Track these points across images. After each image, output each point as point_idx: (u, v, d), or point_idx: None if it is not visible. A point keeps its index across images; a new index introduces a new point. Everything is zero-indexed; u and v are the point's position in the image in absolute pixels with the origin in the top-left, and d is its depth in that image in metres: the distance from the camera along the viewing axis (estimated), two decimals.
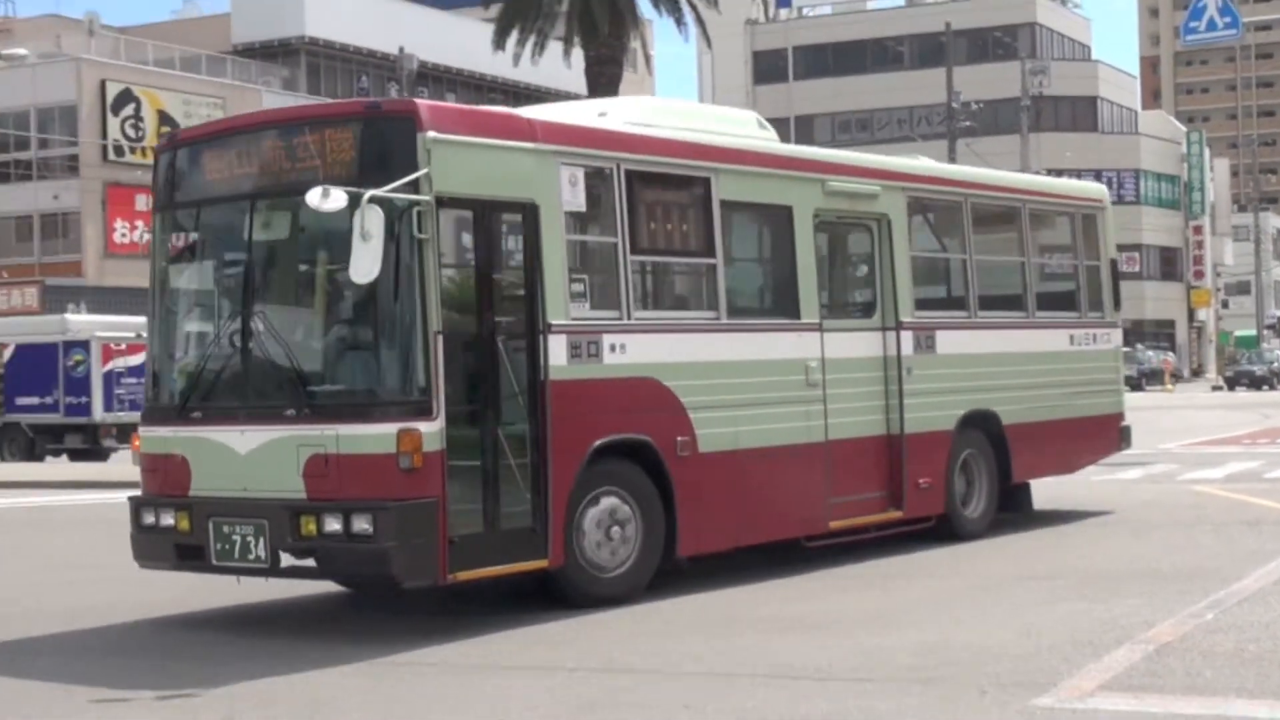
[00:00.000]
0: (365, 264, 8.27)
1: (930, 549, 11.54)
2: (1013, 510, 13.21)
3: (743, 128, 11.59)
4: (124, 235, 48.36)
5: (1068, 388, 13.35)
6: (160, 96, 49.71)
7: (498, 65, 46.11)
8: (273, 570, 8.72)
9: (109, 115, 48.05)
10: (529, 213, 9.11)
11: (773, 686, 6.97)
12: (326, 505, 8.45)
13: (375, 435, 8.44)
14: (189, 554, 9.03)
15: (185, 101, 49.97)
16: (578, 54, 39.65)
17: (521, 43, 40.10)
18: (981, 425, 12.50)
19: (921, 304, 12.33)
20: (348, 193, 8.21)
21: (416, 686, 7.34)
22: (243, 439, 8.82)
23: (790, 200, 11.07)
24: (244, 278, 9.22)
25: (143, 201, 47.41)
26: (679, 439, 9.91)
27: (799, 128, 67.08)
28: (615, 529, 9.48)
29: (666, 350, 9.98)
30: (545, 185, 9.25)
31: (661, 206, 10.70)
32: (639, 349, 9.78)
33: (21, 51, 43.04)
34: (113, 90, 48.22)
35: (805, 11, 74.27)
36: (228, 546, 8.71)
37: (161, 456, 9.27)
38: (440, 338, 8.53)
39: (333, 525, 8.38)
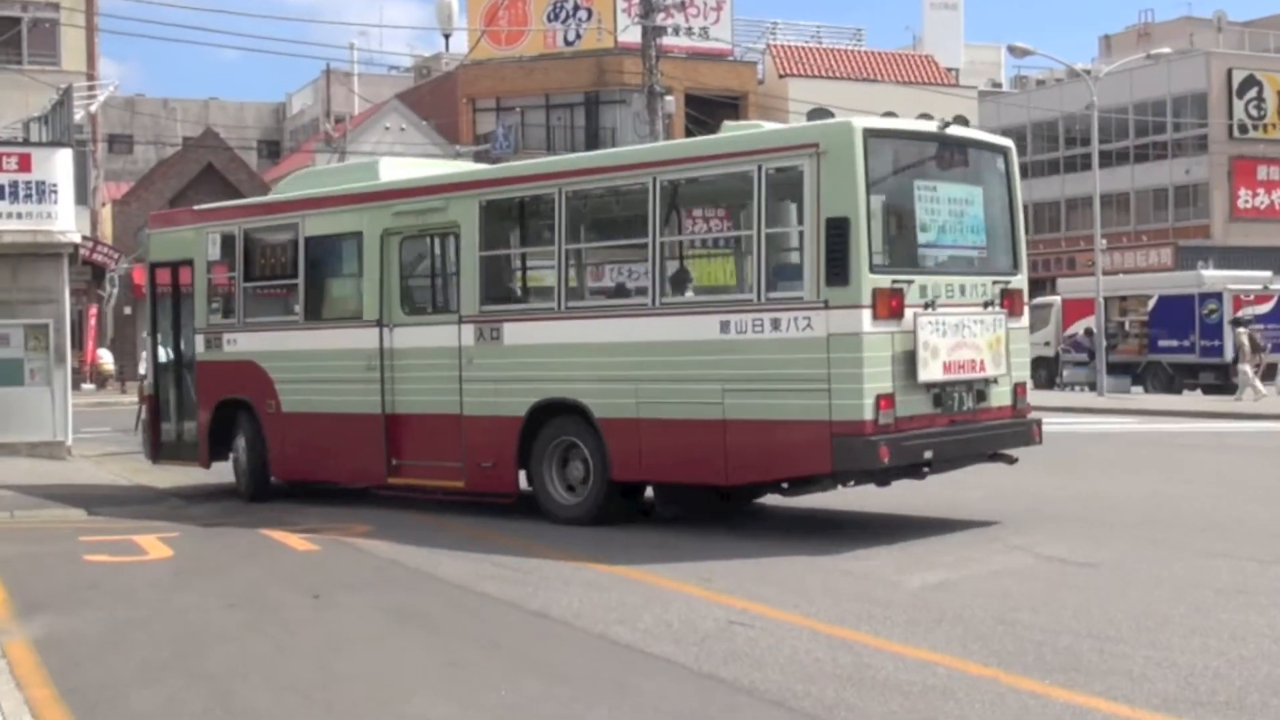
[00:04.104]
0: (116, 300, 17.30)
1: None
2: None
3: (363, 173, 14.55)
4: (1247, 201, 52.23)
5: (720, 383, 10.65)
6: None
7: None
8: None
9: (1234, 99, 52.22)
10: (191, 265, 15.30)
11: None
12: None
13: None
14: None
15: None
16: None
17: None
18: (580, 416, 11.66)
19: (497, 298, 12.58)
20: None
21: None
22: None
23: (360, 227, 13.53)
24: None
25: (1263, 172, 51.50)
26: (268, 401, 14.45)
27: None
28: (237, 455, 14.89)
29: (260, 343, 14.64)
30: (198, 248, 15.21)
31: (272, 248, 14.96)
32: (245, 342, 14.77)
33: (1165, 50, 45.41)
34: (1238, 77, 52.50)
35: None
36: None
37: None
38: (148, 336, 16.09)
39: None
